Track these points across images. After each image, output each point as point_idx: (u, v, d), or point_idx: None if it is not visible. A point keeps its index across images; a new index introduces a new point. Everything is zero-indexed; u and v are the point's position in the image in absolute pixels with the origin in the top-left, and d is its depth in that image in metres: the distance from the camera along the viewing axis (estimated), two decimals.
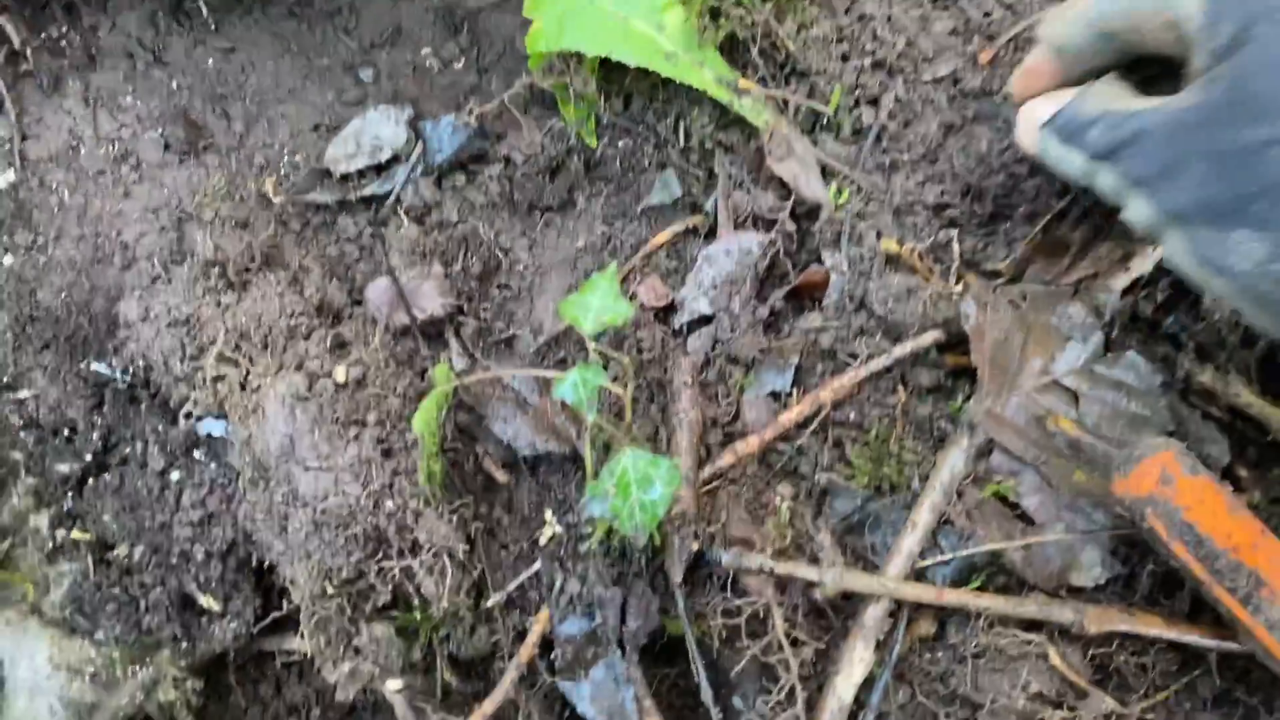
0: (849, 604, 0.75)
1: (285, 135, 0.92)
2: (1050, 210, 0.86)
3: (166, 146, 0.89)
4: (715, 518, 0.75)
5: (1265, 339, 0.79)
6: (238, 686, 0.82)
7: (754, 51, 0.85)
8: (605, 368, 0.78)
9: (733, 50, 0.86)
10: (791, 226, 0.85)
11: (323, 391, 0.76)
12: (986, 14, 0.91)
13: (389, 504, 0.74)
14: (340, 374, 0.76)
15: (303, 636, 0.76)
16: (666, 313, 0.84)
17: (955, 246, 0.83)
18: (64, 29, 0.90)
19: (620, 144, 0.89)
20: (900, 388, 0.80)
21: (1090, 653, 0.73)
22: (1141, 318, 0.85)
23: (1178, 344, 0.83)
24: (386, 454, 0.75)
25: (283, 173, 0.90)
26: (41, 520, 0.75)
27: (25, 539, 0.74)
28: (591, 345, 0.69)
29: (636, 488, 0.65)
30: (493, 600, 0.76)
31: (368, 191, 0.88)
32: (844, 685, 0.72)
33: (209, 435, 0.79)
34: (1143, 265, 0.81)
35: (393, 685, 0.74)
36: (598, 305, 0.69)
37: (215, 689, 0.81)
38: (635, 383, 0.78)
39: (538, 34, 0.83)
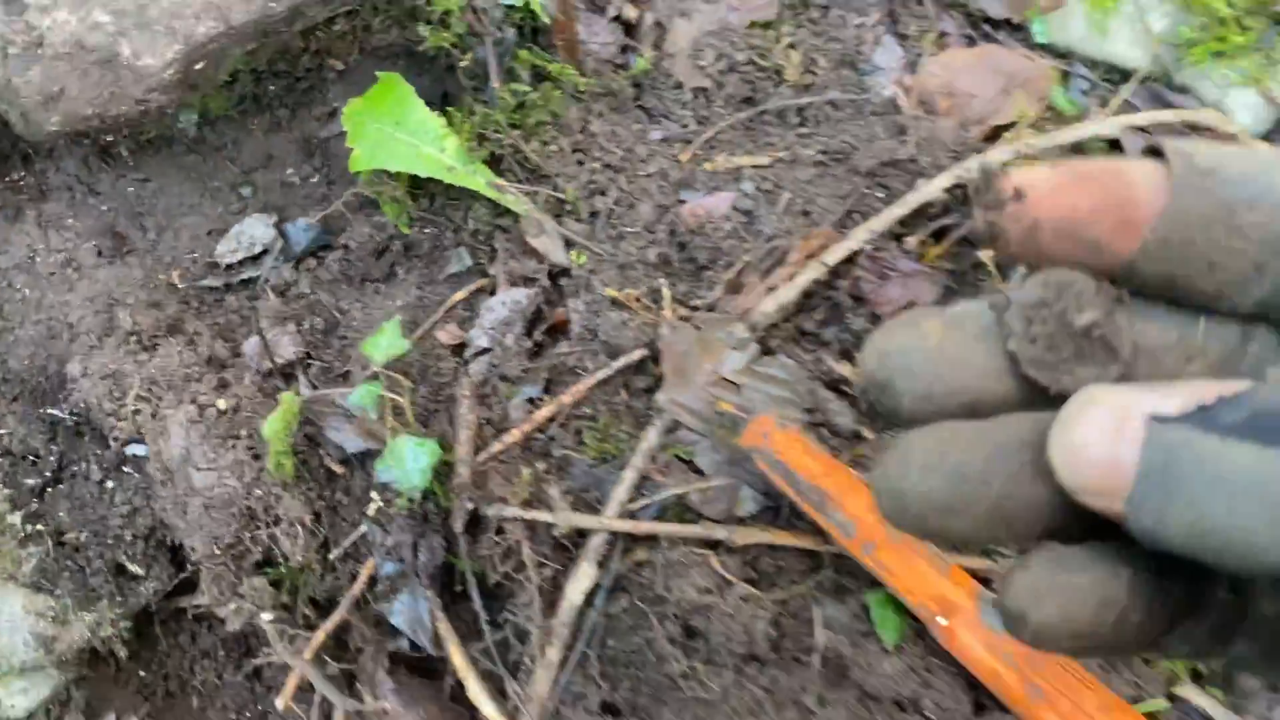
0: (581, 539, 1.08)
1: (187, 239, 1.26)
2: (739, 262, 1.21)
3: (99, 253, 1.23)
4: (487, 486, 1.08)
5: None
6: (162, 636, 1.13)
7: (511, 162, 1.20)
8: (414, 384, 1.11)
9: (498, 162, 1.21)
10: (548, 283, 1.20)
11: (210, 417, 1.09)
12: (684, 126, 1.27)
13: (257, 491, 1.07)
14: (222, 404, 1.10)
15: (202, 590, 1.08)
16: (460, 348, 1.18)
17: (665, 291, 1.18)
18: (22, 173, 1.25)
19: (427, 231, 1.24)
20: (623, 390, 1.14)
21: (744, 559, 1.07)
22: (805, 330, 1.19)
23: (826, 345, 1.18)
24: (255, 458, 1.08)
25: (185, 266, 1.24)
26: (15, 518, 1.07)
27: (4, 531, 1.06)
28: (378, 369, 1.03)
29: (410, 461, 0.99)
30: (334, 554, 1.09)
31: (245, 276, 1.22)
32: (574, 591, 1.05)
33: (133, 454, 1.12)
34: (789, 294, 1.16)
35: (266, 617, 1.06)
36: (385, 344, 1.03)
37: (145, 638, 1.13)
38: (425, 399, 1.11)
39: (357, 158, 1.18)
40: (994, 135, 1.24)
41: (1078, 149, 1.23)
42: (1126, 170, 0.34)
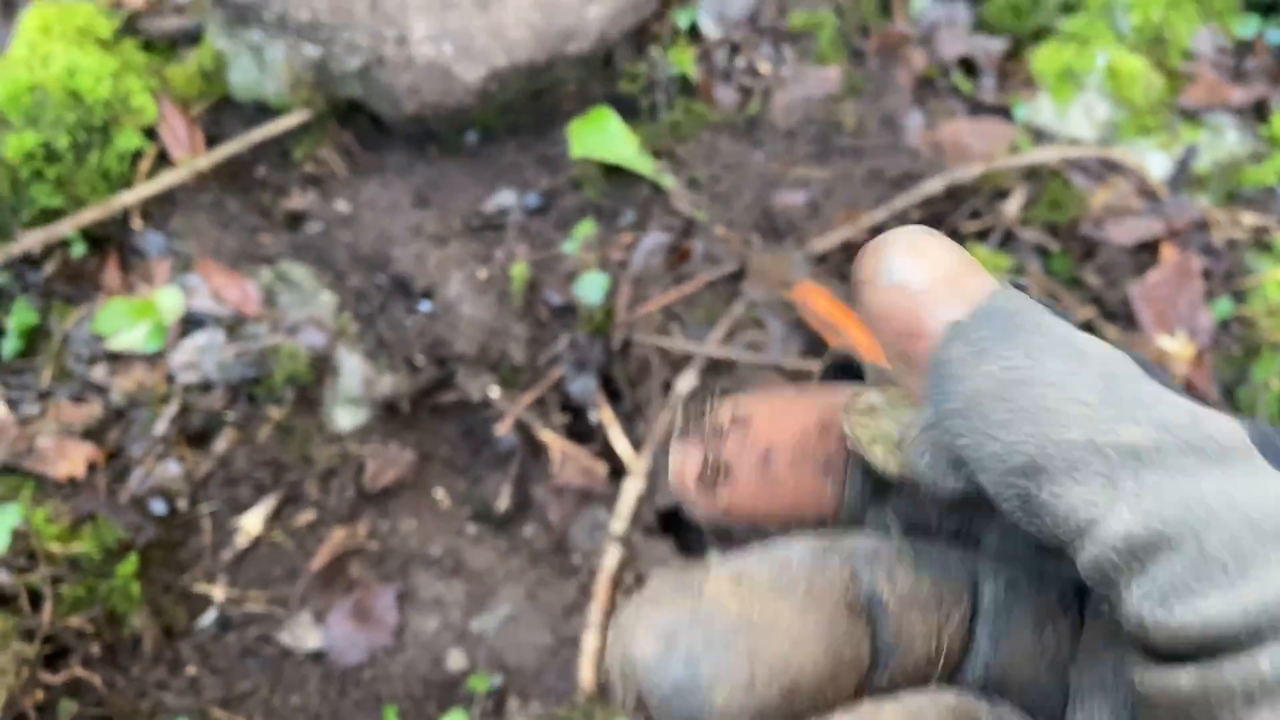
0: (686, 361, 1.73)
1: (463, 201, 2.04)
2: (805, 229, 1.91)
3: (412, 204, 2.02)
4: (634, 326, 1.76)
5: None
6: (426, 415, 1.83)
7: (666, 159, 1.95)
8: None
9: (658, 157, 1.96)
10: (680, 230, 1.91)
11: (475, 279, 1.82)
12: (776, 151, 2.00)
13: (499, 321, 1.78)
14: (481, 274, 1.83)
15: (458, 382, 1.78)
16: (624, 264, 1.89)
17: (755, 240, 1.87)
18: (374, 153, 2.07)
19: (608, 200, 1.98)
20: (722, 287, 1.82)
21: (789, 378, 1.70)
22: (844, 274, 1.87)
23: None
24: (500, 301, 1.80)
25: (462, 216, 2.01)
26: (355, 327, 1.81)
27: (349, 330, 1.80)
28: (579, 253, 1.75)
29: (594, 286, 1.69)
30: (542, 359, 1.78)
31: (496, 222, 1.98)
32: (682, 385, 1.69)
33: (424, 309, 1.86)
34: (831, 241, 1.84)
35: (495, 390, 1.75)
36: (580, 235, 1.76)
37: (417, 410, 1.82)
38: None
39: (575, 147, 1.94)
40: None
41: (1033, 173, 1.90)
42: (831, 390, 0.34)
